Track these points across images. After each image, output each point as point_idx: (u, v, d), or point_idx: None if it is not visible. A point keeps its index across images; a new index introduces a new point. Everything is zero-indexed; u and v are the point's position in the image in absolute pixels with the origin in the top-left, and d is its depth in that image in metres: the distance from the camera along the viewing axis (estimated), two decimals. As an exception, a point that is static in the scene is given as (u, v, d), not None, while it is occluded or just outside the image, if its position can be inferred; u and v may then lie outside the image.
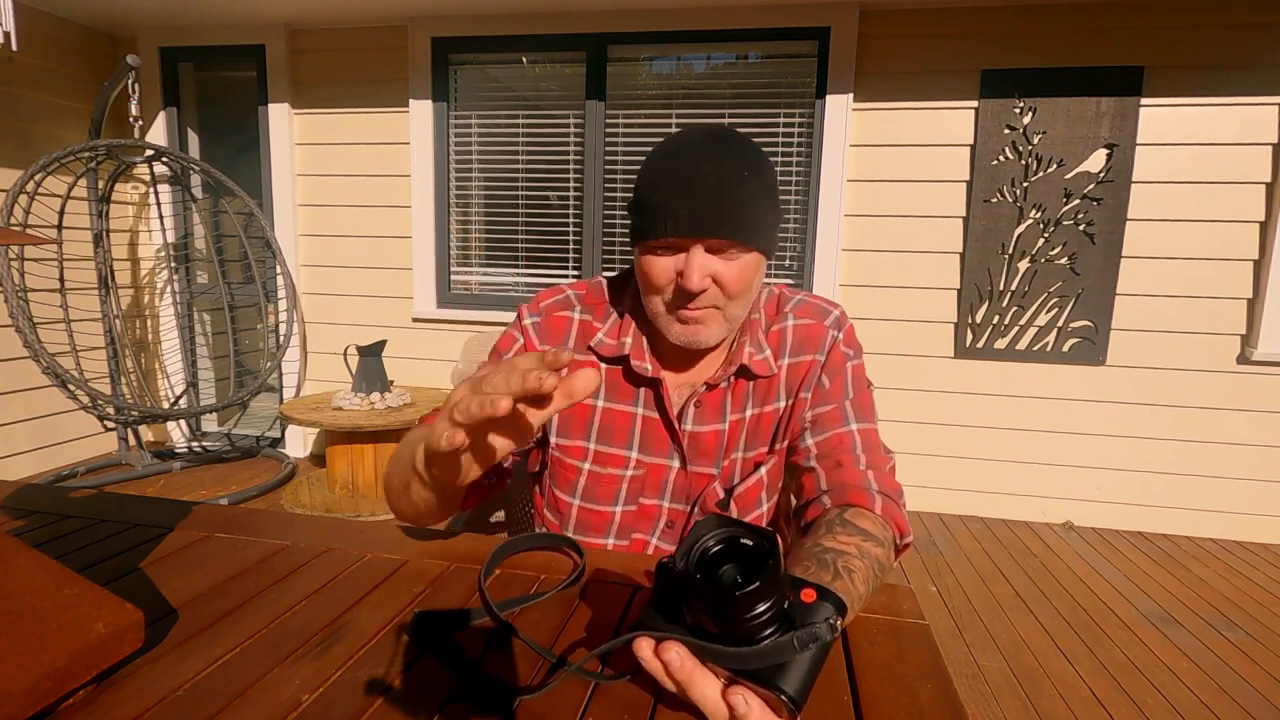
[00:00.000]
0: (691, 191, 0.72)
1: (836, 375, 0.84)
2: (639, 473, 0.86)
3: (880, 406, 2.97)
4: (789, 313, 0.87)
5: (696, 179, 0.72)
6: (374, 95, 3.22)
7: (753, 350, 0.83)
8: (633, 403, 0.86)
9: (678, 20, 2.90)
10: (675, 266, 0.75)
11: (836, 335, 0.85)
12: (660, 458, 0.86)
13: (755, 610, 0.42)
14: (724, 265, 0.75)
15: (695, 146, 0.75)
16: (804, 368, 0.84)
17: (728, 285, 0.75)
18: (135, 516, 0.87)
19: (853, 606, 0.59)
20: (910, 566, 2.47)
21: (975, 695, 1.71)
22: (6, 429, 3.02)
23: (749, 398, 0.85)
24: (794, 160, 2.97)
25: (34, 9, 3.02)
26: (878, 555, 0.65)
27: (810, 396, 0.83)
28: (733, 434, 0.85)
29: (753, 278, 0.77)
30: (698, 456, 0.86)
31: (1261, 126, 2.60)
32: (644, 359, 0.84)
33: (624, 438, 0.86)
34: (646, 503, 0.87)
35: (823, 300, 0.89)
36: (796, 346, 0.85)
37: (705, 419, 0.85)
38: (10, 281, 2.55)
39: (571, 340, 0.87)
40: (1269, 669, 1.86)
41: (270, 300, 3.40)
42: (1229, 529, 2.80)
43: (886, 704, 0.51)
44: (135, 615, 0.55)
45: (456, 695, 0.51)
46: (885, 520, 0.71)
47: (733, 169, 0.73)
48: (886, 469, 0.79)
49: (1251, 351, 2.67)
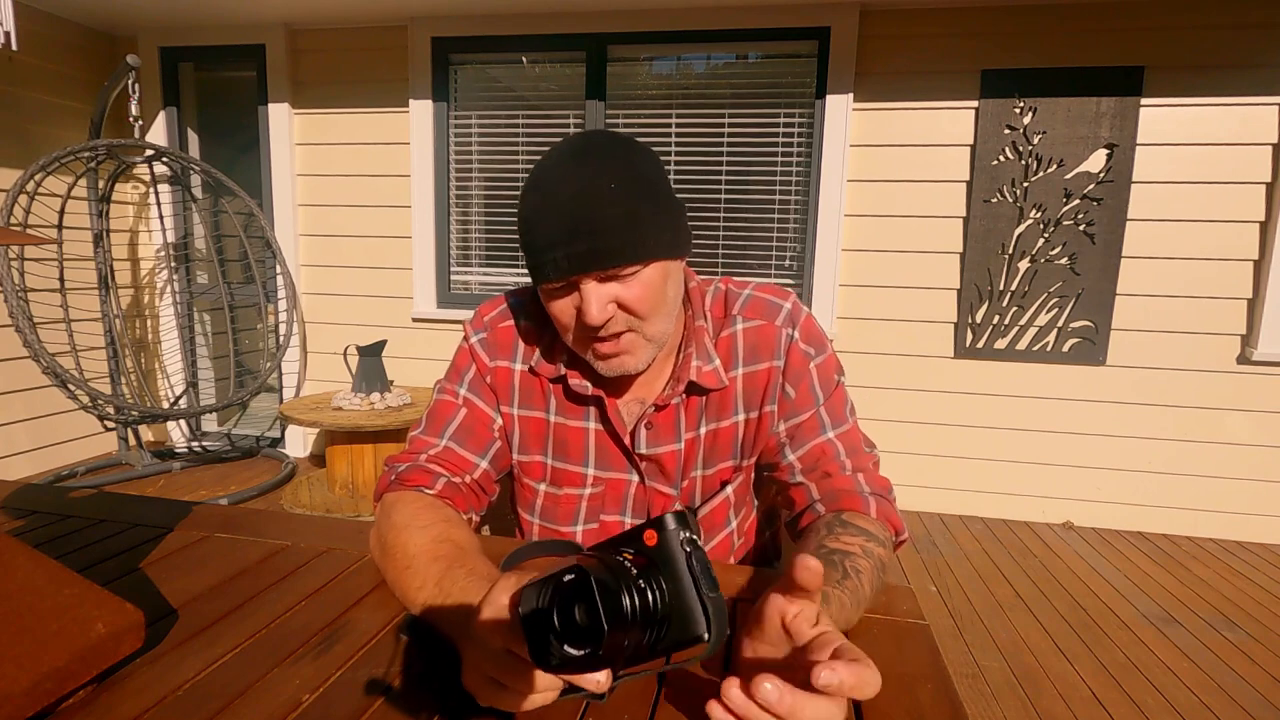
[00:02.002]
0: (563, 228, 0.66)
1: (801, 380, 0.78)
2: (598, 489, 0.83)
3: (880, 406, 2.98)
4: (737, 315, 0.80)
5: (564, 213, 0.66)
6: (374, 95, 3.22)
7: (700, 363, 0.78)
8: (583, 418, 0.82)
9: (678, 20, 2.90)
10: (574, 304, 0.70)
11: (792, 334, 0.79)
12: (619, 472, 0.83)
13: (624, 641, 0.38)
14: (623, 289, 0.69)
15: (555, 173, 0.68)
16: (762, 377, 0.78)
17: (634, 307, 0.70)
18: (135, 516, 0.87)
19: (859, 606, 0.60)
20: (910, 566, 2.47)
21: (975, 695, 1.71)
22: (6, 429, 3.02)
23: (702, 413, 0.80)
24: (794, 160, 2.97)
25: (34, 9, 3.02)
26: (880, 555, 0.66)
27: (777, 409, 0.78)
28: (689, 452, 0.81)
29: (661, 290, 0.71)
30: (656, 475, 0.82)
31: (1261, 126, 2.60)
32: (581, 378, 0.79)
33: (579, 453, 0.83)
34: (608, 519, 0.85)
35: (773, 292, 0.81)
36: (749, 353, 0.79)
37: (660, 439, 0.80)
38: (10, 281, 2.55)
39: (520, 352, 0.83)
40: (1269, 669, 1.86)
41: (270, 300, 3.40)
42: (1229, 529, 2.80)
43: (886, 704, 0.51)
44: (135, 615, 0.55)
45: (452, 695, 0.51)
46: (881, 521, 0.71)
47: (598, 188, 0.66)
48: (873, 467, 0.79)
49: (1251, 351, 2.67)
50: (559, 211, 0.67)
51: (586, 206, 0.66)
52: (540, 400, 0.83)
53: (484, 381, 0.83)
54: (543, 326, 0.83)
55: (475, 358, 0.83)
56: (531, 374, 0.82)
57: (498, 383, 0.83)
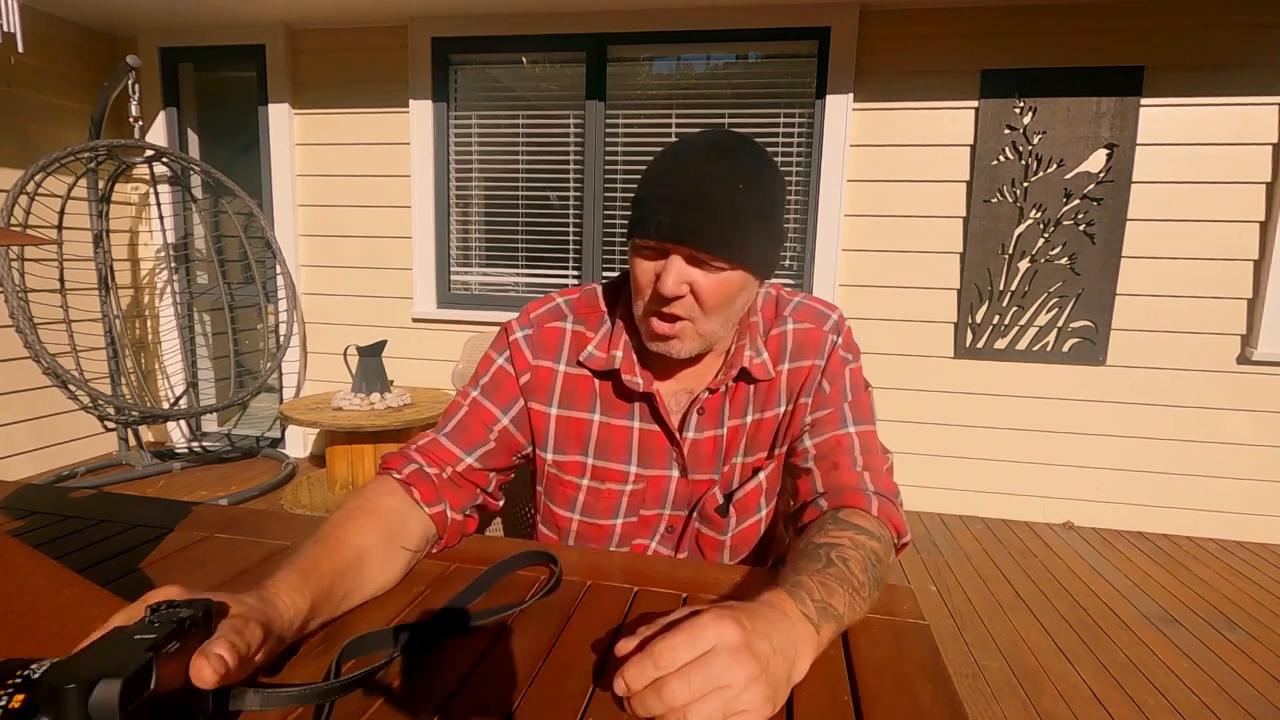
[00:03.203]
0: (680, 197, 0.70)
1: (836, 380, 0.83)
2: (639, 486, 0.85)
3: (880, 407, 2.97)
4: (788, 316, 0.85)
5: (687, 185, 0.70)
6: (374, 95, 3.22)
7: (752, 354, 0.82)
8: (628, 416, 0.84)
9: (678, 20, 2.90)
10: (657, 270, 0.73)
11: (836, 340, 0.84)
12: (660, 469, 0.85)
13: None
14: (703, 277, 0.72)
15: (698, 151, 0.72)
16: (804, 373, 0.83)
17: (703, 298, 0.73)
18: (135, 516, 0.87)
19: (856, 591, 0.59)
20: (910, 566, 2.47)
21: (975, 695, 1.71)
22: (7, 429, 3.02)
23: (749, 403, 0.84)
24: (794, 160, 2.97)
25: (34, 9, 3.02)
26: (873, 547, 0.65)
27: (810, 401, 0.82)
28: (732, 439, 0.84)
29: (734, 295, 0.74)
30: (698, 465, 0.84)
31: (1261, 126, 2.60)
32: (634, 373, 0.81)
33: (622, 452, 0.84)
34: (647, 513, 0.87)
35: (821, 303, 0.87)
36: (796, 351, 0.83)
37: (705, 425, 0.84)
38: (10, 282, 2.55)
39: (565, 353, 0.84)
40: (1269, 669, 1.86)
41: (270, 300, 3.40)
42: (1229, 529, 2.80)
43: (886, 704, 0.51)
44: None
45: (452, 695, 0.51)
46: (881, 520, 0.71)
47: (727, 181, 0.70)
48: (884, 470, 0.79)
49: (1252, 351, 2.67)
50: (685, 181, 0.70)
51: (711, 190, 0.69)
52: (584, 400, 0.84)
53: (506, 380, 0.84)
54: (596, 326, 0.85)
55: (515, 352, 0.84)
56: (576, 373, 0.84)
57: (537, 381, 0.84)
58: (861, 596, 0.60)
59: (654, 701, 0.41)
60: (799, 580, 0.56)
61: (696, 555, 0.87)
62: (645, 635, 0.46)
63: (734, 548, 0.86)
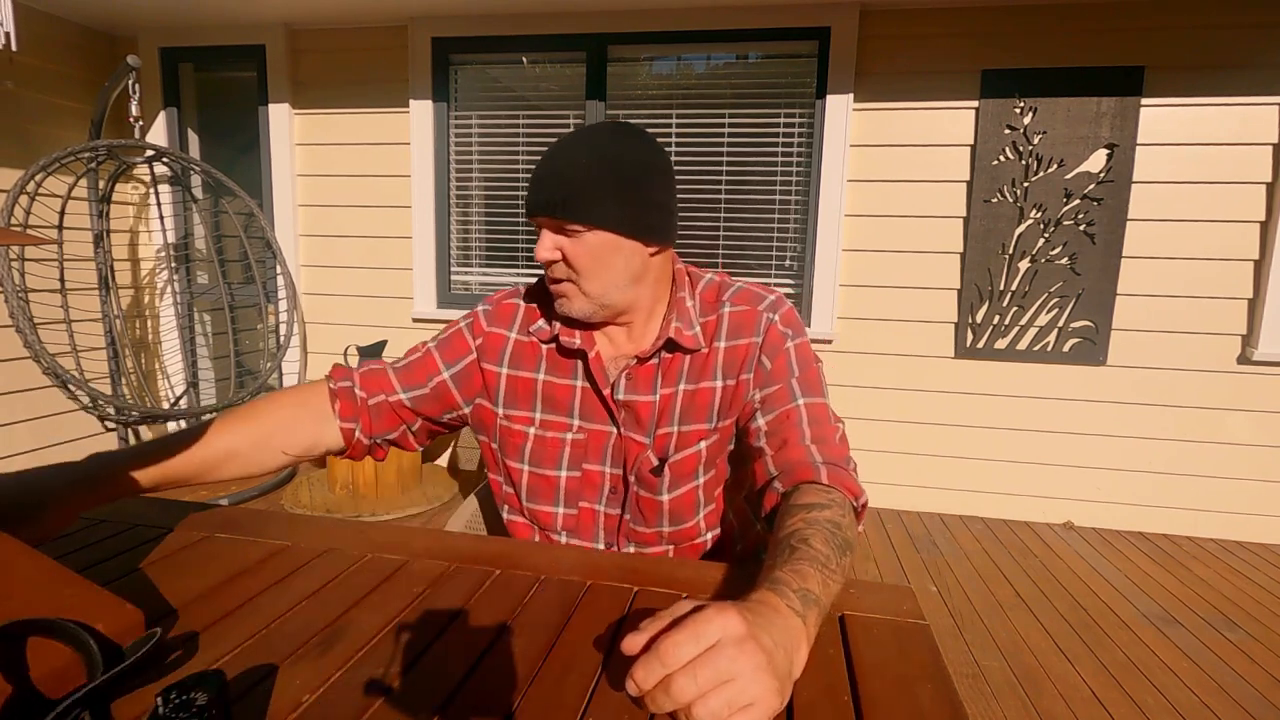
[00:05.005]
0: (538, 176, 0.81)
1: (778, 355, 0.87)
2: (580, 437, 0.91)
3: (880, 406, 2.98)
4: (726, 300, 0.91)
5: (544, 165, 0.81)
6: (374, 95, 3.22)
7: (680, 325, 0.88)
8: (571, 376, 0.91)
9: (678, 20, 2.90)
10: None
11: (772, 317, 0.89)
12: (600, 424, 0.91)
13: None
14: (569, 243, 0.81)
15: (563, 139, 0.83)
16: (742, 350, 0.88)
17: (571, 259, 0.82)
18: (135, 516, 0.87)
19: (825, 566, 0.59)
20: (910, 566, 2.47)
21: (975, 695, 1.71)
22: (8, 429, 3.02)
23: (683, 374, 0.89)
24: (794, 160, 2.97)
25: (34, 9, 3.02)
26: (828, 517, 0.66)
27: (753, 377, 0.87)
28: (664, 406, 0.89)
29: (604, 255, 0.82)
30: (633, 425, 0.90)
31: (1261, 126, 2.60)
32: (573, 336, 0.90)
33: (565, 407, 0.92)
34: (590, 468, 0.91)
35: (760, 288, 0.93)
36: (733, 331, 0.89)
37: (636, 389, 0.89)
38: (10, 282, 2.55)
39: (517, 324, 0.94)
40: (1269, 669, 1.86)
41: (270, 300, 3.40)
42: (1229, 529, 2.80)
43: (886, 704, 0.51)
44: (135, 615, 0.55)
45: (452, 695, 0.51)
46: (833, 485, 0.73)
47: (580, 154, 0.80)
48: (835, 439, 0.81)
49: (1252, 351, 2.66)
50: (544, 163, 0.81)
51: (557, 165, 0.80)
52: (531, 362, 0.93)
53: (459, 341, 0.95)
54: (545, 305, 0.93)
55: (475, 320, 0.95)
56: (526, 340, 0.93)
57: (489, 345, 0.94)
58: (831, 569, 0.60)
59: (664, 699, 0.42)
60: (775, 576, 0.56)
61: (639, 519, 0.91)
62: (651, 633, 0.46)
63: (672, 512, 0.90)
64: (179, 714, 0.39)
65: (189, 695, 0.40)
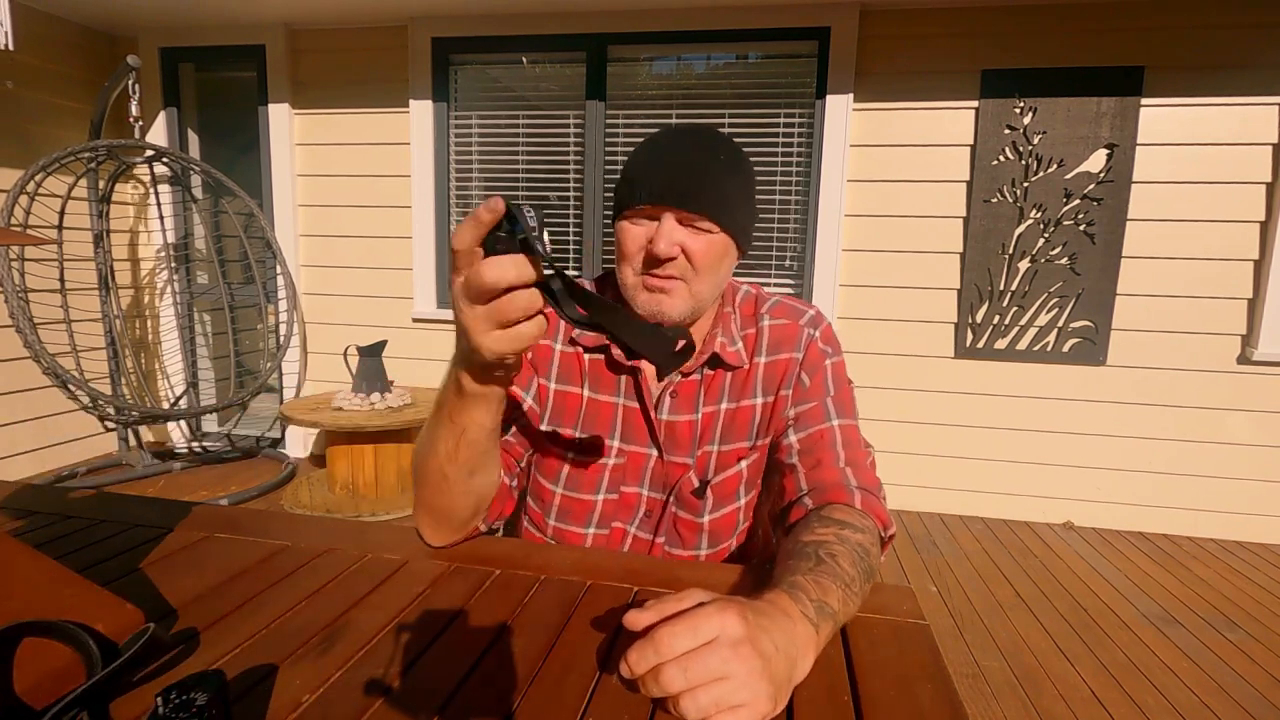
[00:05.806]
0: (669, 165, 0.76)
1: (816, 372, 0.85)
2: (620, 461, 0.87)
3: (880, 406, 2.98)
4: (765, 313, 0.89)
5: (675, 155, 0.77)
6: (374, 95, 3.22)
7: (725, 341, 0.85)
8: (615, 393, 0.88)
9: (678, 20, 2.90)
10: (647, 235, 0.77)
11: (813, 333, 0.87)
12: (640, 446, 0.87)
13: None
14: (692, 238, 0.77)
15: (681, 133, 0.80)
16: (782, 365, 0.86)
17: (695, 257, 0.77)
18: (135, 516, 0.87)
19: (848, 586, 0.59)
20: (910, 566, 2.47)
21: (975, 695, 1.71)
22: (8, 429, 3.02)
23: (724, 392, 0.86)
24: (794, 160, 2.97)
25: (34, 9, 3.02)
26: (860, 540, 0.66)
27: (791, 393, 0.85)
28: (706, 425, 0.86)
29: (720, 257, 0.79)
30: (674, 447, 0.87)
31: (1261, 126, 2.60)
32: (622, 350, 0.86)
33: (607, 426, 0.88)
34: (627, 490, 0.88)
35: (799, 302, 0.91)
36: (773, 346, 0.87)
37: (679, 409, 0.86)
38: (11, 282, 2.55)
39: (561, 333, 0.89)
40: (1269, 669, 1.85)
41: (270, 300, 3.40)
42: (1229, 529, 2.80)
43: (886, 704, 0.51)
44: (135, 615, 0.55)
45: (452, 695, 0.51)
46: (866, 513, 0.72)
47: (710, 153, 0.77)
48: (866, 464, 0.80)
49: (1252, 351, 2.66)
50: (673, 155, 0.77)
51: (696, 159, 0.76)
52: (576, 377, 0.89)
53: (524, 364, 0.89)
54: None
55: None
56: (570, 351, 0.88)
57: (539, 358, 0.89)
58: (853, 591, 0.60)
59: (653, 686, 0.42)
60: (794, 580, 0.56)
61: (676, 541, 0.88)
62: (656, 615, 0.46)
63: (712, 533, 0.87)
64: (179, 714, 0.39)
65: (189, 695, 0.41)
